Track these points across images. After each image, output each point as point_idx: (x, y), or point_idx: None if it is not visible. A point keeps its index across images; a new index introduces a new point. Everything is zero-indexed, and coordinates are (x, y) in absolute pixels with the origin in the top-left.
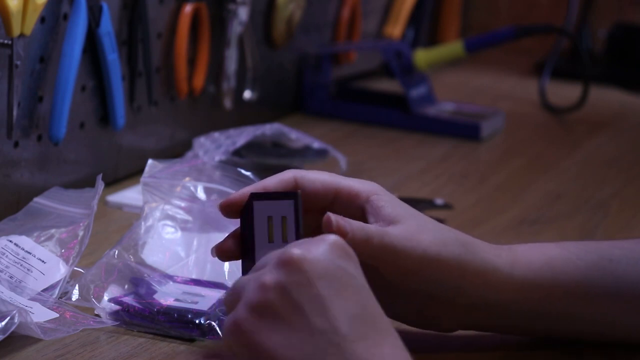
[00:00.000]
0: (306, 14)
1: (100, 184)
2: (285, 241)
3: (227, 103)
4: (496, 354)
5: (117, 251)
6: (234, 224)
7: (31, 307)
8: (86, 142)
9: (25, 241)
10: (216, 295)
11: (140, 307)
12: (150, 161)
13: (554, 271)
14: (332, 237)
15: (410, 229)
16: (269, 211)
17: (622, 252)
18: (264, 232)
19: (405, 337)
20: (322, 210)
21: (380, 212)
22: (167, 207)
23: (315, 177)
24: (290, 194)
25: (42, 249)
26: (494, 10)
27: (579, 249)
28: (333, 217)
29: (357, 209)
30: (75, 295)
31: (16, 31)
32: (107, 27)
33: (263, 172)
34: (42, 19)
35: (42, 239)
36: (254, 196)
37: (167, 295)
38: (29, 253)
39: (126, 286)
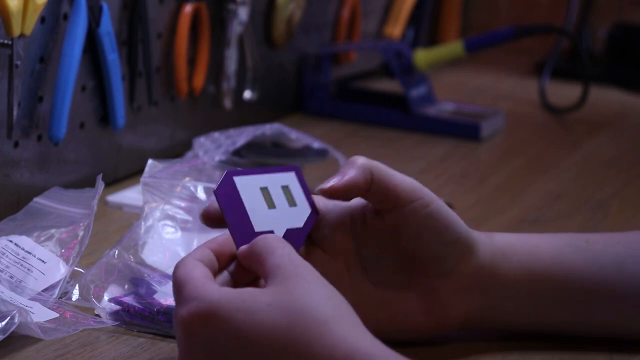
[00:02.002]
0: (306, 14)
1: (100, 184)
2: (294, 205)
3: (227, 103)
4: (499, 352)
5: (117, 251)
6: None
7: (31, 307)
8: (86, 142)
9: (25, 241)
10: None
11: (141, 307)
12: (150, 161)
13: (534, 255)
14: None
15: None
16: (262, 183)
17: (601, 236)
18: (259, 201)
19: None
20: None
21: None
22: (167, 207)
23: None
24: (285, 167)
25: (42, 249)
26: (494, 10)
27: (559, 237)
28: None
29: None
30: (75, 295)
31: (16, 31)
32: (107, 27)
33: None
34: (42, 19)
35: (42, 239)
36: (232, 173)
37: (167, 295)
38: (29, 253)
39: (126, 286)
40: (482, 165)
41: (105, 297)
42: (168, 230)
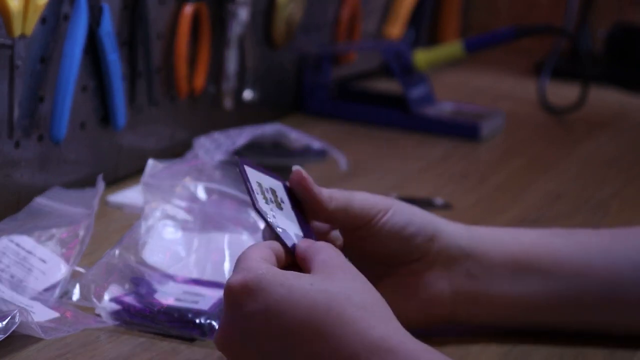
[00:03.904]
0: (306, 14)
1: (100, 184)
2: (279, 208)
3: (227, 103)
4: (498, 350)
5: (117, 251)
6: (234, 224)
7: (32, 307)
8: (87, 142)
9: (26, 241)
10: (216, 294)
11: (141, 306)
12: (150, 161)
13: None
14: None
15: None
16: (259, 179)
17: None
18: (258, 192)
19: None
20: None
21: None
22: (167, 207)
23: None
24: (277, 177)
25: (43, 249)
26: (494, 10)
27: (543, 230)
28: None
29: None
30: (76, 294)
31: (17, 31)
32: (108, 27)
33: None
34: (43, 20)
35: (43, 238)
36: (243, 160)
37: (168, 295)
38: (30, 253)
39: (127, 286)
40: (482, 165)
41: (106, 297)
42: (168, 230)
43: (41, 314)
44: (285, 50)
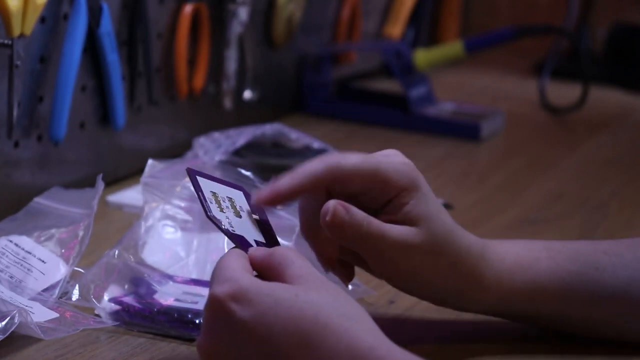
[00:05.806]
0: (306, 14)
1: (100, 184)
2: (237, 216)
3: (227, 103)
4: (499, 346)
5: (117, 251)
6: None
7: (31, 307)
8: (86, 142)
9: (25, 241)
10: None
11: (141, 307)
12: (150, 161)
13: (536, 283)
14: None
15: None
16: (213, 188)
17: (610, 258)
18: (212, 202)
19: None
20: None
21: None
22: (167, 207)
23: (354, 167)
24: (237, 185)
25: (42, 249)
26: (494, 10)
27: (566, 256)
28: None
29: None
30: (75, 295)
31: (16, 31)
32: (107, 27)
33: (263, 172)
34: (42, 19)
35: (43, 238)
36: (194, 171)
37: (167, 295)
38: (29, 253)
39: (126, 286)
40: (482, 165)
41: (105, 297)
42: (168, 230)
43: (40, 315)
44: (285, 50)
